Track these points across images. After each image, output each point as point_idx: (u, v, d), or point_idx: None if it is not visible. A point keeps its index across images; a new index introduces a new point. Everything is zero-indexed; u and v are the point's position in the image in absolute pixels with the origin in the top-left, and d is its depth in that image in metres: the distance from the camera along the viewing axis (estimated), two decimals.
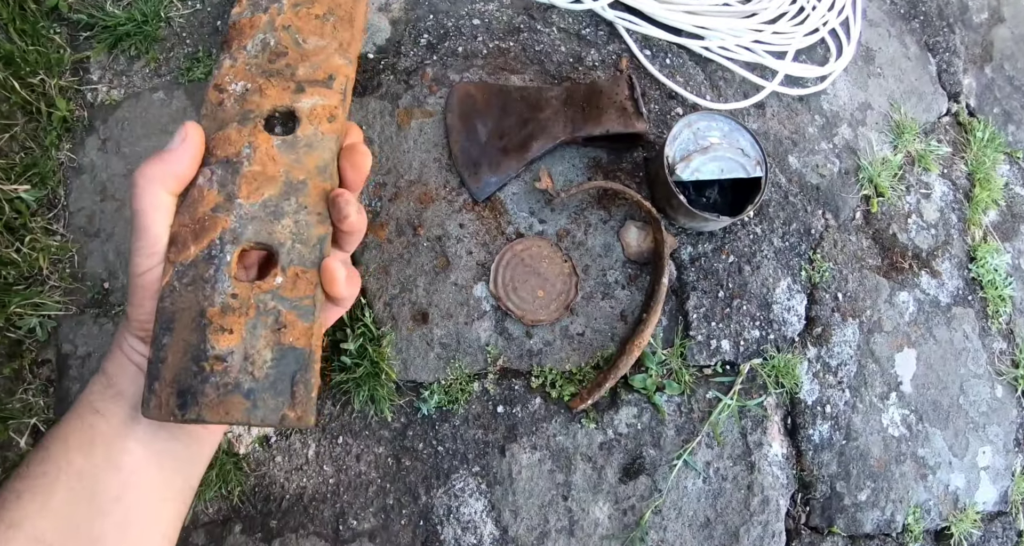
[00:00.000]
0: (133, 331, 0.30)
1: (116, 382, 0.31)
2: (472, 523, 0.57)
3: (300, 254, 0.30)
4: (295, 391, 0.28)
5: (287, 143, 0.31)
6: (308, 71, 0.32)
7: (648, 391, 0.60)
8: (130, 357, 0.31)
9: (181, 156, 0.30)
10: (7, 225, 0.62)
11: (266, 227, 0.30)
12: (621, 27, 0.72)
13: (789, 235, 0.68)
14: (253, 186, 0.30)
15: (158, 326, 0.28)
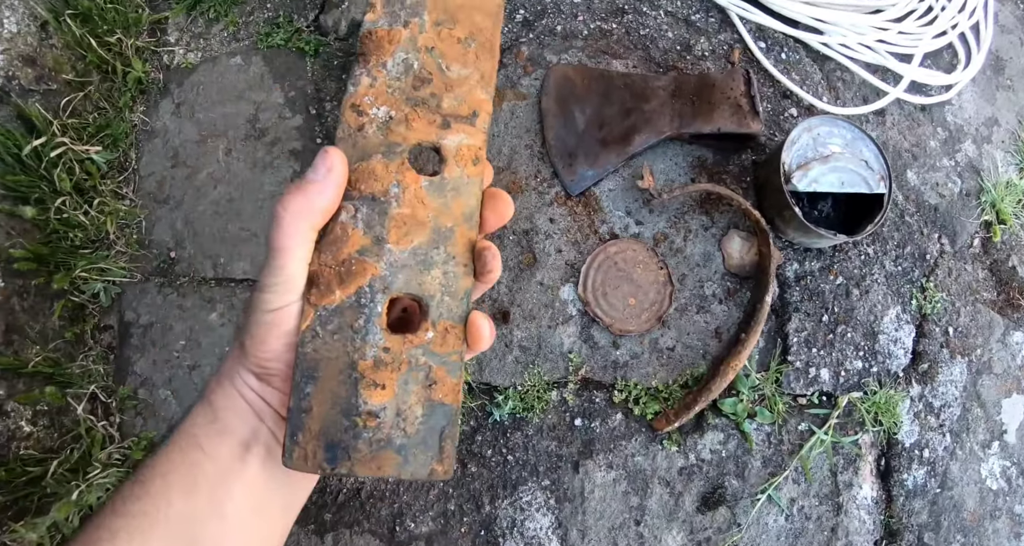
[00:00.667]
0: (249, 366, 0.28)
1: (223, 417, 0.28)
2: (536, 539, 0.53)
3: (448, 307, 0.28)
4: (443, 446, 0.27)
5: (434, 185, 0.28)
6: (453, 104, 0.29)
7: (738, 417, 0.54)
8: (242, 393, 0.28)
9: (325, 189, 0.26)
10: (77, 186, 0.59)
11: (416, 277, 0.28)
12: (734, 14, 0.64)
13: (902, 259, 0.61)
14: (403, 231, 0.28)
15: (300, 373, 0.27)
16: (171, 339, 0.59)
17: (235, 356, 0.28)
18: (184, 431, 0.28)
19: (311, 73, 0.65)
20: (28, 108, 0.56)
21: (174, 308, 0.60)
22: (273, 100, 0.64)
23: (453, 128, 0.28)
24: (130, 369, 0.59)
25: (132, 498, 0.26)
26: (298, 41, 0.65)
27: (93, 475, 0.53)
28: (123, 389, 0.58)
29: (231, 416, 0.28)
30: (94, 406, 0.57)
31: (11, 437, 0.52)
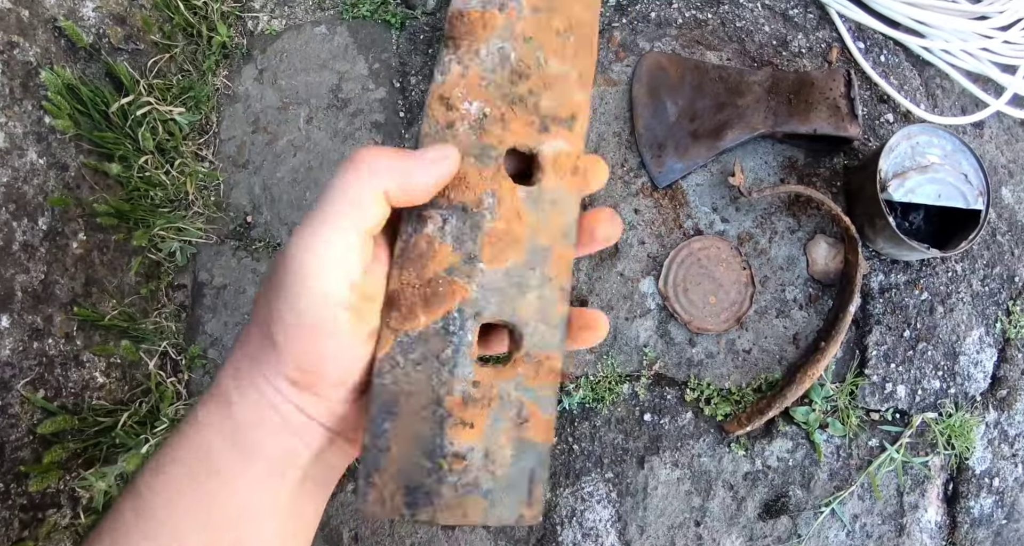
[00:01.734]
0: (286, 371, 0.21)
1: (249, 437, 0.22)
2: (595, 531, 0.51)
3: (543, 336, 0.24)
4: (532, 489, 0.24)
5: (531, 196, 0.24)
6: (551, 104, 0.25)
7: (809, 427, 0.52)
8: (275, 405, 0.22)
9: (428, 170, 0.21)
10: (159, 146, 0.57)
11: (510, 301, 0.24)
12: (834, 11, 0.60)
13: (990, 279, 0.57)
14: (497, 248, 0.24)
15: (377, 408, 0.23)
16: (243, 302, 0.59)
17: (263, 357, 0.21)
18: (194, 449, 0.22)
19: (396, 46, 0.62)
20: (117, 66, 0.55)
21: (248, 272, 0.59)
22: (357, 71, 0.62)
23: (551, 132, 0.24)
24: (201, 329, 0.58)
25: (133, 537, 0.21)
26: (384, 13, 0.63)
27: (160, 429, 0.53)
28: (193, 348, 0.57)
29: (260, 435, 0.22)
30: (164, 362, 0.57)
31: (85, 387, 0.52)
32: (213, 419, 0.22)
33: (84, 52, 0.54)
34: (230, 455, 0.22)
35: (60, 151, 0.52)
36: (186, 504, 0.21)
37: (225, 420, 0.22)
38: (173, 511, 0.21)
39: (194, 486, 0.22)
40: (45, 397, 0.48)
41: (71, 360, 0.51)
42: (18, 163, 0.49)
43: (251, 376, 0.22)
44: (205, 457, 0.22)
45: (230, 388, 0.22)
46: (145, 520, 0.21)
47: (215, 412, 0.22)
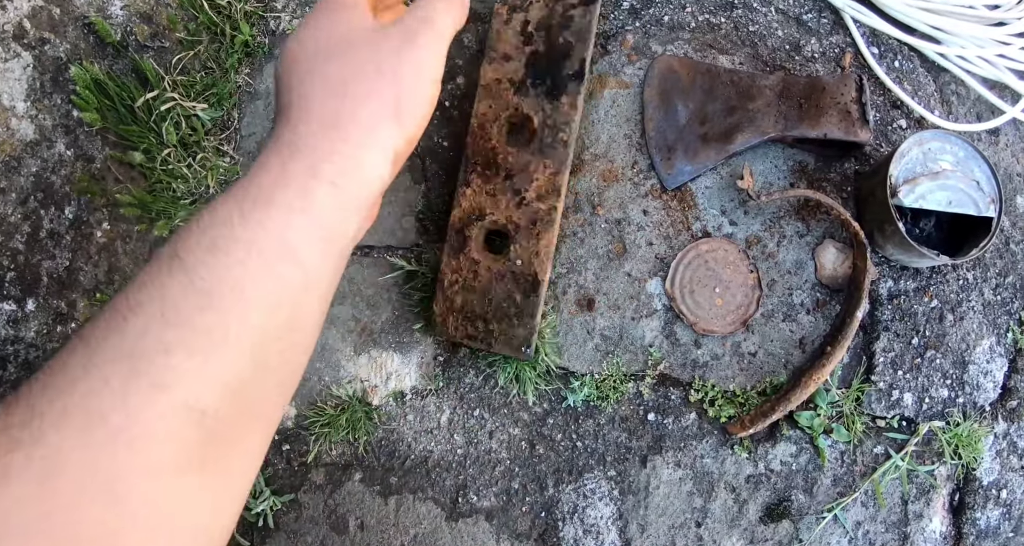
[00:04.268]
0: (400, 145, 0.26)
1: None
2: (596, 528, 0.50)
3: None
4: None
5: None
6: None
7: (814, 431, 0.50)
8: (382, 175, 0.26)
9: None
10: (182, 141, 0.57)
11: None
12: (848, 16, 0.58)
13: (1003, 288, 0.55)
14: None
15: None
16: None
17: (382, 125, 0.25)
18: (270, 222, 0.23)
19: None
20: (143, 62, 0.55)
21: None
22: None
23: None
24: None
25: (193, 307, 0.21)
26: None
27: None
28: None
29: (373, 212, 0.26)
30: None
31: None
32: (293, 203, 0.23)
33: (112, 49, 0.54)
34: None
35: (87, 143, 0.52)
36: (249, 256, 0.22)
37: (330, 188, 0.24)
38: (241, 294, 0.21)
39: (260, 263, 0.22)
40: None
41: None
42: (47, 154, 0.49)
43: (352, 149, 0.25)
44: (281, 240, 0.23)
45: (317, 165, 0.24)
46: (203, 295, 0.21)
47: (295, 195, 0.23)
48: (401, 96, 0.26)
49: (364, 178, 0.25)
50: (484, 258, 0.51)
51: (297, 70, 0.28)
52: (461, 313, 0.51)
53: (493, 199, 0.52)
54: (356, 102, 0.26)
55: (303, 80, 0.27)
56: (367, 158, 0.25)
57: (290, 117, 0.26)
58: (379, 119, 0.26)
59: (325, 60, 0.27)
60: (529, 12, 0.54)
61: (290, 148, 0.25)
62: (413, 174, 0.58)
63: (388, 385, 0.54)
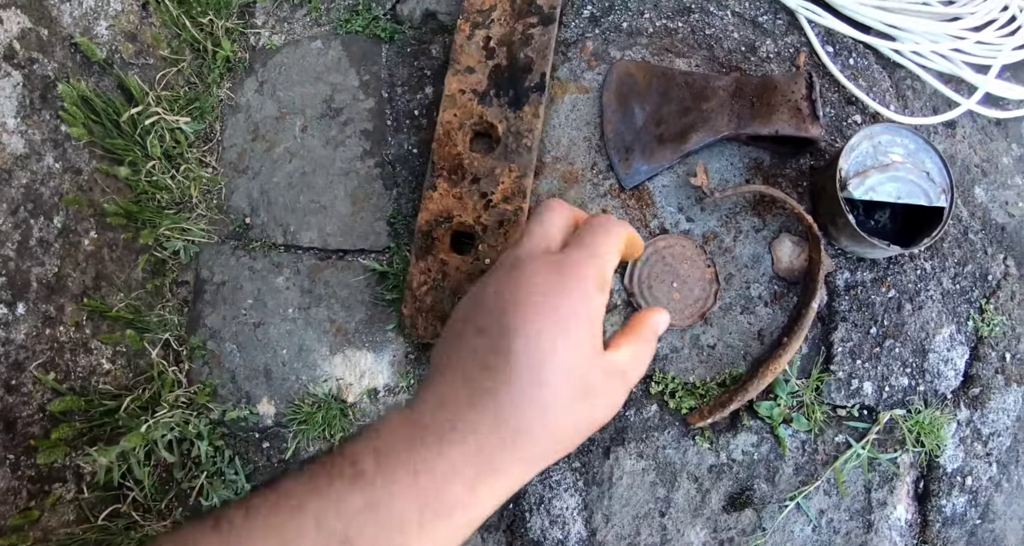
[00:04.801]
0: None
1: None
2: (562, 518, 0.51)
3: None
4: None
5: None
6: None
7: (774, 421, 0.51)
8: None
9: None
10: (166, 153, 0.60)
11: None
12: (803, 17, 0.60)
13: (962, 277, 0.55)
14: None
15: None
16: (240, 298, 0.60)
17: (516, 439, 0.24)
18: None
19: (385, 59, 0.64)
20: (128, 79, 0.58)
21: (245, 269, 0.61)
22: (349, 83, 0.64)
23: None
24: (201, 322, 0.60)
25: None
26: (375, 28, 0.65)
27: (161, 414, 0.55)
28: (194, 339, 0.59)
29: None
30: (167, 352, 0.59)
31: (92, 371, 0.54)
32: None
33: (98, 66, 0.57)
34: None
35: (75, 156, 0.55)
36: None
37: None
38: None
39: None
40: (55, 379, 0.51)
41: (80, 347, 0.53)
42: (36, 167, 0.52)
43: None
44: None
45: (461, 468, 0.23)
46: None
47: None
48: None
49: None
50: (452, 259, 0.53)
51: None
52: (432, 313, 0.52)
53: (460, 202, 0.54)
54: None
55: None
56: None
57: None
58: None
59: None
60: (491, 29, 0.57)
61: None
62: (384, 180, 0.60)
63: (362, 383, 0.56)
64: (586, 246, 0.28)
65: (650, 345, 0.31)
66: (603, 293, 0.28)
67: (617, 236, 0.30)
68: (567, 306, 0.26)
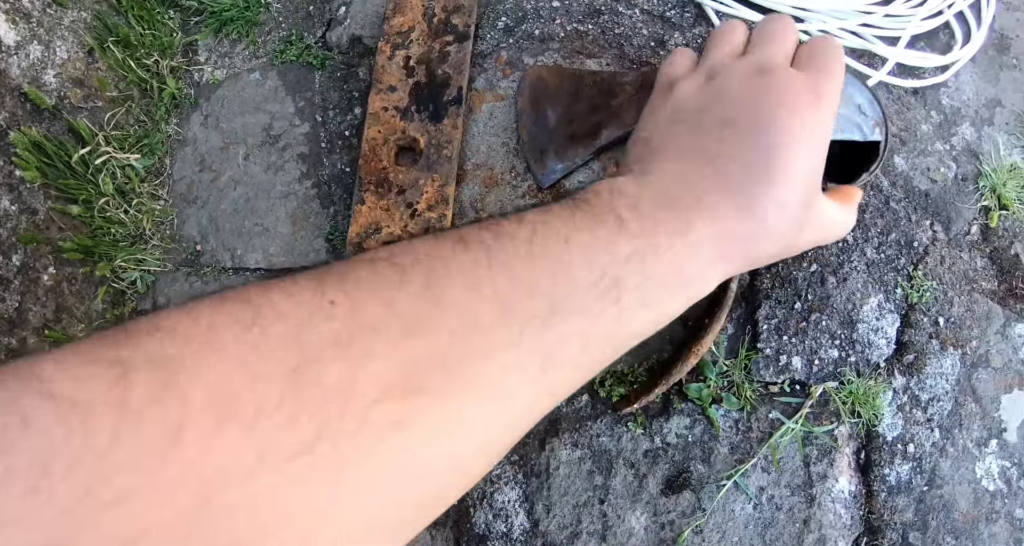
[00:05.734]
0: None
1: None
2: (504, 511, 0.52)
3: None
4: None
5: None
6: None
7: (703, 402, 0.51)
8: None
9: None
10: (119, 189, 0.64)
11: None
12: (709, 9, 0.61)
13: (886, 246, 0.56)
14: None
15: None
16: None
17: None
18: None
19: (318, 84, 0.67)
20: (76, 123, 0.62)
21: (198, 294, 0.64)
22: (285, 110, 0.67)
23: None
24: None
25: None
26: (308, 56, 0.68)
27: None
28: None
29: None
30: None
31: None
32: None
33: (48, 112, 0.61)
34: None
35: (30, 198, 0.59)
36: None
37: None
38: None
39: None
40: None
41: None
42: None
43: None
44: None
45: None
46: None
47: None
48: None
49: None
50: None
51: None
52: None
53: (387, 213, 0.56)
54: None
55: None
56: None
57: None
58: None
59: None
60: (410, 49, 0.60)
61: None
62: (321, 199, 0.63)
63: None
64: (829, 68, 0.31)
65: (852, 216, 0.35)
66: (835, 117, 0.30)
67: (843, 62, 0.33)
68: (818, 128, 0.28)
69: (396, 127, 0.58)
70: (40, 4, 0.62)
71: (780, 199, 0.27)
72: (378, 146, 0.58)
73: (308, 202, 0.63)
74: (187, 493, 0.15)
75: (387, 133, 0.58)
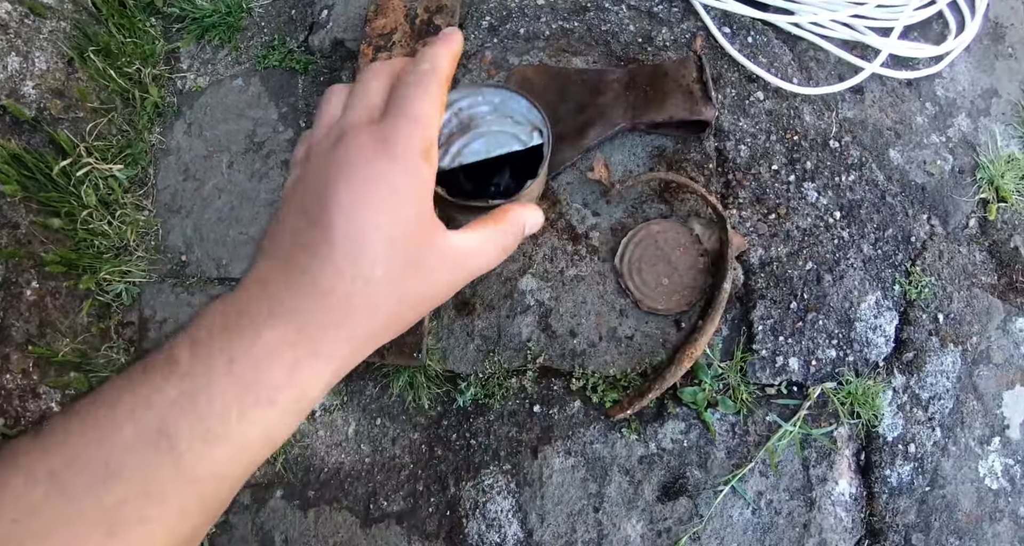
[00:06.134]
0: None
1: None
2: (497, 521, 0.51)
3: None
4: None
5: None
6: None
7: (699, 406, 0.50)
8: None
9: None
10: (102, 200, 0.63)
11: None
12: (697, 3, 0.60)
13: (883, 242, 0.55)
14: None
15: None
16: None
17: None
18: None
19: (301, 89, 0.66)
20: (57, 134, 0.61)
21: (184, 305, 0.63)
22: (268, 116, 0.66)
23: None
24: None
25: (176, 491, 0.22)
26: (290, 61, 0.67)
27: None
28: None
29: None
30: None
31: (43, 416, 0.56)
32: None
33: (27, 125, 0.60)
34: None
35: (11, 212, 0.58)
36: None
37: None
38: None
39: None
40: (5, 425, 0.53)
41: (28, 393, 0.56)
42: None
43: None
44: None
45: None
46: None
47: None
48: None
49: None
50: None
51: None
52: None
53: None
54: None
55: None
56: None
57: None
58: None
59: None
60: (392, 51, 0.59)
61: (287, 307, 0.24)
62: None
63: None
64: (404, 112, 0.26)
65: (506, 235, 0.30)
66: (429, 161, 0.26)
67: (436, 90, 0.27)
68: (389, 178, 0.25)
69: None
70: (18, 15, 0.61)
71: (357, 273, 0.24)
72: None
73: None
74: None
75: None
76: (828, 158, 0.56)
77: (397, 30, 0.60)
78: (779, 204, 0.54)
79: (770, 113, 0.57)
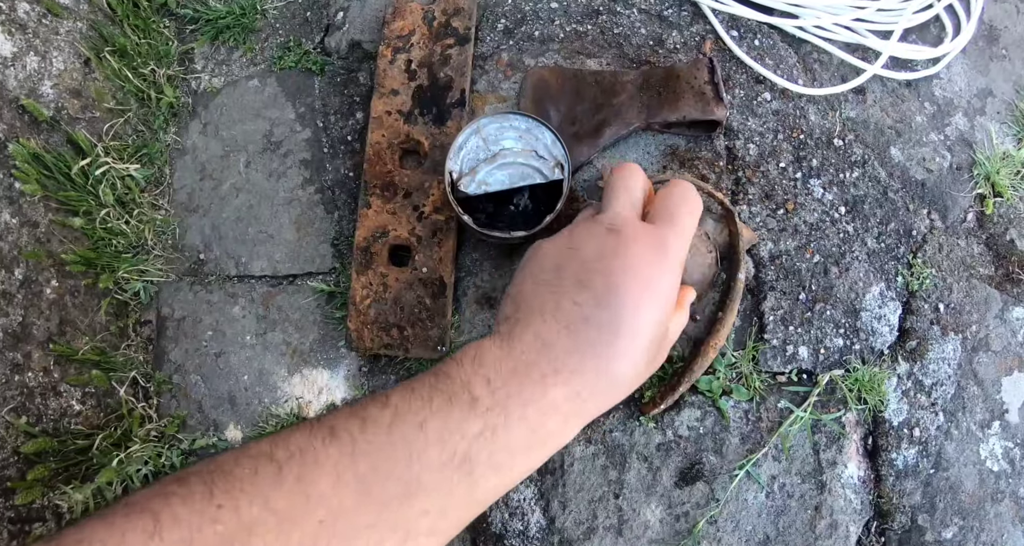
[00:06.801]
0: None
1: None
2: (520, 509, 0.53)
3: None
4: None
5: None
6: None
7: (714, 394, 0.52)
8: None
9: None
10: (119, 200, 0.64)
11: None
12: (706, 7, 0.63)
13: (886, 236, 0.57)
14: None
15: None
16: (200, 330, 0.64)
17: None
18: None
19: (318, 90, 0.68)
20: (75, 134, 0.62)
21: (203, 303, 0.64)
22: (285, 116, 0.68)
23: None
24: (166, 357, 0.63)
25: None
26: (307, 62, 0.69)
27: (133, 449, 0.58)
28: (159, 375, 0.62)
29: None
30: (135, 389, 0.62)
31: (63, 414, 0.57)
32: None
33: (46, 124, 0.61)
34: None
35: (30, 211, 0.59)
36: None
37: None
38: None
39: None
40: (27, 422, 0.54)
41: (49, 390, 0.57)
42: None
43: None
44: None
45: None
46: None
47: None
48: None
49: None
50: (390, 271, 0.56)
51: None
52: (376, 324, 0.55)
53: (394, 216, 0.57)
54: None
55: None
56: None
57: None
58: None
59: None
60: (411, 53, 0.61)
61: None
62: (325, 205, 0.63)
63: (320, 399, 0.58)
64: (675, 221, 0.33)
65: (686, 314, 0.39)
66: (683, 264, 0.33)
67: (696, 206, 0.35)
68: (663, 281, 0.31)
69: (400, 130, 0.59)
70: (35, 14, 0.62)
71: (630, 356, 0.30)
72: (382, 150, 0.59)
73: (312, 208, 0.63)
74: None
75: (391, 137, 0.59)
76: (833, 156, 0.59)
77: (415, 32, 0.62)
78: (787, 200, 0.57)
79: (777, 113, 0.59)
